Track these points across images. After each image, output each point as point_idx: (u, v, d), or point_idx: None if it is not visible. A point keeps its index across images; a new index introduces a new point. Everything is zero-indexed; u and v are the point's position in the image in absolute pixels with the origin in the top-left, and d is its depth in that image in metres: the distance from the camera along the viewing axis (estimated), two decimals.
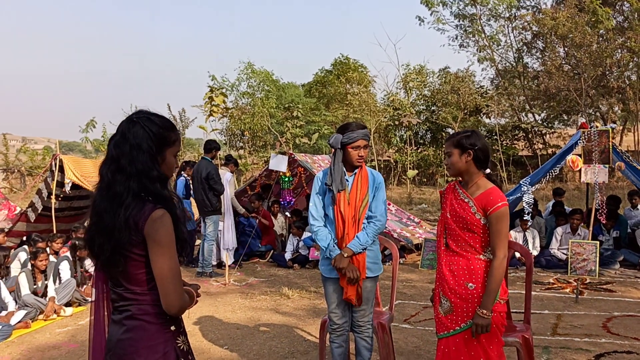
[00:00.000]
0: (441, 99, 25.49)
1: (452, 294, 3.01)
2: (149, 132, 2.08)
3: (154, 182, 2.06)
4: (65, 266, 6.77)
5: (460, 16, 26.78)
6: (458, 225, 3.02)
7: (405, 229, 9.58)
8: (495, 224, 2.91)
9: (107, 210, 2.03)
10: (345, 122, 3.87)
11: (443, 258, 3.12)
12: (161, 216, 2.01)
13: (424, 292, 7.00)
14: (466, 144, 3.02)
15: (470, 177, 3.06)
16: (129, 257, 2.02)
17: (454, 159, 3.06)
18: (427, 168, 26.04)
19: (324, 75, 31.40)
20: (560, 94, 23.21)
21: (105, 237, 2.02)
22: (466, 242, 3.00)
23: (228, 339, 5.37)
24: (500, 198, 2.92)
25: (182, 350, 2.14)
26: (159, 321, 2.07)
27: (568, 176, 21.78)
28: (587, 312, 5.97)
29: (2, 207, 11.23)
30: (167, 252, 2.00)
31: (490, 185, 3.01)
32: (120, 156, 2.05)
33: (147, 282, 2.05)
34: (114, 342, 2.10)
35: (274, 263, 9.20)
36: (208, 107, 25.89)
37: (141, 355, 2.04)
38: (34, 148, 32.53)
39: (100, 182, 2.12)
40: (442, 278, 3.08)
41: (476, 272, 2.96)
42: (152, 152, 2.07)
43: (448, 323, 3.02)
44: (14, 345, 5.44)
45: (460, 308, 2.98)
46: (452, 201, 3.09)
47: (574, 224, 8.35)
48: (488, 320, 2.86)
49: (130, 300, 2.07)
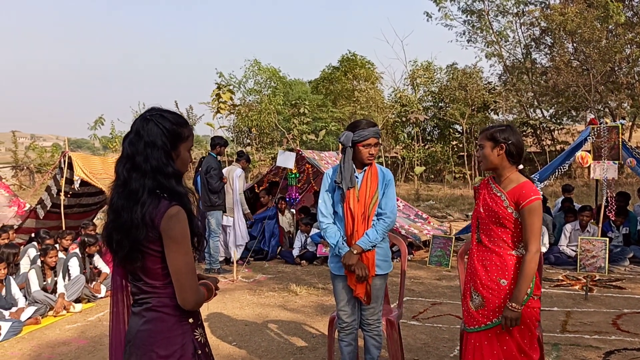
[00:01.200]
0: (449, 95, 25.36)
1: (485, 289, 3.00)
2: (162, 129, 2.11)
3: (169, 178, 2.09)
4: (74, 263, 6.81)
5: (468, 12, 26.64)
6: (491, 220, 3.01)
7: (413, 226, 9.56)
8: (527, 217, 2.89)
9: (124, 207, 2.06)
10: (356, 120, 3.85)
11: (475, 253, 3.11)
12: (176, 213, 2.04)
13: (432, 289, 6.99)
14: (500, 137, 3.00)
15: (502, 171, 3.04)
16: (147, 252, 2.06)
17: (486, 151, 3.05)
18: (434, 164, 25.93)
19: (331, 71, 31.34)
20: (568, 90, 23.06)
21: (123, 234, 2.06)
22: (499, 237, 2.99)
23: (236, 335, 5.38)
24: (534, 192, 2.91)
25: (200, 342, 2.18)
26: (177, 313, 2.11)
27: (577, 173, 21.66)
28: (597, 309, 5.93)
29: (12, 204, 11.31)
30: (182, 249, 2.04)
31: (523, 179, 2.99)
32: (135, 154, 2.08)
33: (165, 277, 2.09)
34: (134, 333, 2.15)
35: (282, 260, 9.20)
36: (215, 104, 25.97)
37: (160, 347, 2.09)
38: (42, 145, 32.71)
39: (116, 180, 2.14)
40: (474, 273, 3.07)
41: (509, 268, 2.96)
42: (166, 148, 2.10)
43: (479, 317, 3.02)
44: (24, 341, 5.48)
45: (493, 303, 2.97)
46: (485, 196, 3.08)
47: (584, 221, 8.30)
48: (518, 313, 2.86)
49: (149, 293, 2.12)
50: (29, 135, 62.33)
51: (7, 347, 5.31)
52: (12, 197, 11.55)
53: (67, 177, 8.73)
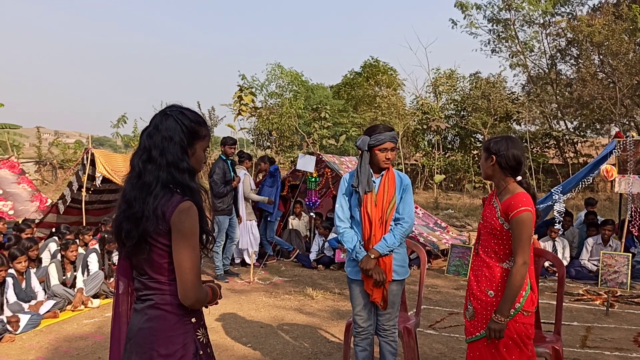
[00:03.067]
0: (471, 104, 25.19)
1: (475, 300, 3.02)
2: (181, 125, 2.13)
3: (182, 173, 2.10)
4: (93, 258, 6.87)
5: (494, 21, 26.47)
6: (486, 231, 3.03)
7: (432, 234, 9.49)
8: (515, 228, 2.86)
9: (137, 198, 2.08)
10: (373, 124, 3.84)
11: (472, 264, 3.16)
12: (188, 208, 2.05)
13: (449, 298, 6.92)
14: (492, 148, 3.02)
15: (498, 182, 3.06)
16: (154, 245, 2.06)
17: (481, 161, 3.12)
18: (454, 173, 25.76)
19: (353, 77, 31.35)
20: (593, 103, 22.74)
21: (133, 224, 2.07)
22: (491, 249, 3.00)
23: (251, 337, 5.38)
24: (522, 203, 2.86)
25: (202, 342, 2.17)
26: (180, 312, 2.10)
27: (599, 186, 21.33)
28: (618, 325, 5.82)
29: (34, 199, 11.48)
30: (189, 244, 2.04)
31: (518, 190, 2.96)
32: (152, 147, 2.11)
33: (170, 272, 2.08)
34: (135, 330, 2.14)
35: (298, 263, 9.19)
36: (237, 106, 26.12)
37: (161, 345, 2.08)
38: (66, 142, 33.18)
39: (131, 172, 2.16)
40: (469, 284, 3.11)
41: (496, 280, 2.94)
42: (183, 144, 2.13)
43: (471, 328, 3.04)
44: (42, 334, 5.53)
45: (481, 314, 2.98)
46: (486, 207, 3.11)
47: (606, 235, 8.17)
48: (502, 325, 2.84)
49: (153, 290, 2.11)
50: (53, 131, 63.27)
51: (26, 339, 5.37)
52: (35, 192, 11.73)
53: (89, 173, 8.82)
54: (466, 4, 26.17)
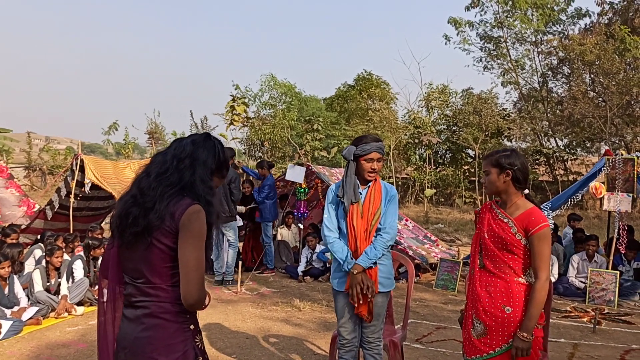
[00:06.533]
0: (463, 120, 25.31)
1: (487, 316, 2.92)
2: (217, 154, 2.29)
3: (209, 189, 2.21)
4: (79, 265, 6.79)
5: (486, 38, 26.71)
6: (496, 246, 2.94)
7: (421, 247, 9.48)
8: (537, 244, 2.82)
9: (154, 187, 2.11)
10: (361, 135, 3.82)
11: (477, 279, 3.02)
12: (198, 211, 2.09)
13: (437, 312, 6.90)
14: (505, 163, 2.95)
15: (508, 197, 2.98)
16: (156, 246, 2.06)
17: (492, 177, 2.99)
18: (445, 188, 25.82)
19: (346, 90, 31.44)
20: (584, 121, 22.92)
21: (142, 212, 2.09)
22: (505, 264, 2.92)
23: (237, 348, 5.32)
24: (542, 218, 2.84)
25: (200, 349, 2.19)
26: (179, 319, 2.11)
27: (589, 204, 21.44)
28: (605, 343, 5.82)
29: (22, 204, 11.39)
30: (196, 244, 2.06)
31: (530, 205, 2.93)
32: (188, 155, 2.20)
33: (171, 277, 2.08)
34: (131, 339, 2.11)
35: (287, 274, 9.14)
36: (229, 116, 26.10)
37: (161, 354, 2.07)
38: (56, 148, 32.99)
39: (154, 165, 2.20)
40: (477, 299, 2.98)
41: (514, 295, 2.88)
42: (212, 169, 2.25)
43: (481, 346, 2.93)
44: (24, 341, 5.45)
45: (496, 332, 2.89)
46: (490, 221, 3.02)
47: (590, 251, 8.20)
48: (529, 343, 2.80)
49: (150, 297, 2.10)
50: (44, 137, 62.81)
51: (7, 346, 5.28)
52: (23, 197, 11.63)
53: (78, 179, 8.75)
54: (459, 20, 26.40)
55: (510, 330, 2.85)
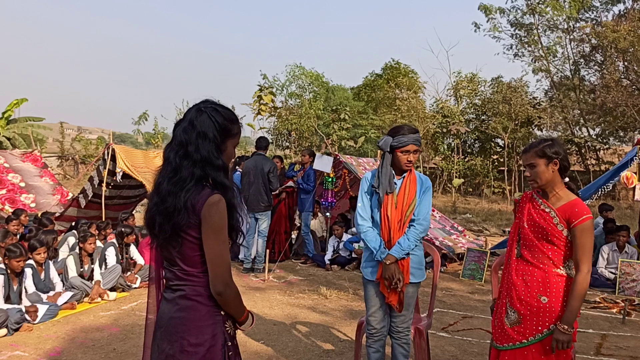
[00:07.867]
0: (492, 109, 25.00)
1: (522, 305, 2.91)
2: (214, 122, 2.17)
3: (217, 170, 2.15)
4: (111, 252, 6.97)
5: (517, 25, 26.26)
6: (536, 236, 2.92)
7: (448, 238, 9.45)
8: (580, 236, 2.80)
9: (171, 192, 2.12)
10: (398, 125, 3.77)
11: (514, 268, 3.01)
12: (217, 201, 2.09)
13: (464, 302, 6.89)
14: (550, 152, 2.91)
15: (552, 187, 2.95)
16: (186, 239, 2.11)
17: (539, 169, 2.93)
18: (473, 178, 25.59)
19: (374, 79, 31.33)
20: (617, 109, 22.43)
21: (166, 218, 2.11)
22: (544, 254, 2.89)
23: (264, 334, 5.41)
24: (586, 210, 2.81)
25: (230, 334, 2.22)
26: (210, 303, 2.15)
27: (621, 194, 21.03)
28: (634, 334, 5.75)
29: (56, 192, 11.68)
30: (218, 236, 2.09)
31: (573, 197, 2.90)
32: (187, 142, 2.14)
33: (202, 264, 2.13)
34: (166, 319, 2.19)
35: (314, 263, 9.21)
36: (256, 106, 26.26)
37: (192, 335, 2.13)
38: (88, 138, 33.63)
39: (165, 166, 2.19)
40: (512, 288, 2.97)
41: (552, 286, 2.86)
42: (216, 141, 2.16)
43: (514, 335, 2.92)
44: (60, 324, 5.63)
45: (530, 321, 2.88)
46: (531, 210, 2.99)
47: (620, 241, 8.08)
48: (570, 336, 2.77)
49: (184, 280, 2.16)
50: (76, 127, 64.09)
51: (43, 329, 5.47)
52: (56, 186, 11.93)
53: (110, 168, 8.93)
54: (490, 7, 26.02)
55: (545, 319, 2.84)
